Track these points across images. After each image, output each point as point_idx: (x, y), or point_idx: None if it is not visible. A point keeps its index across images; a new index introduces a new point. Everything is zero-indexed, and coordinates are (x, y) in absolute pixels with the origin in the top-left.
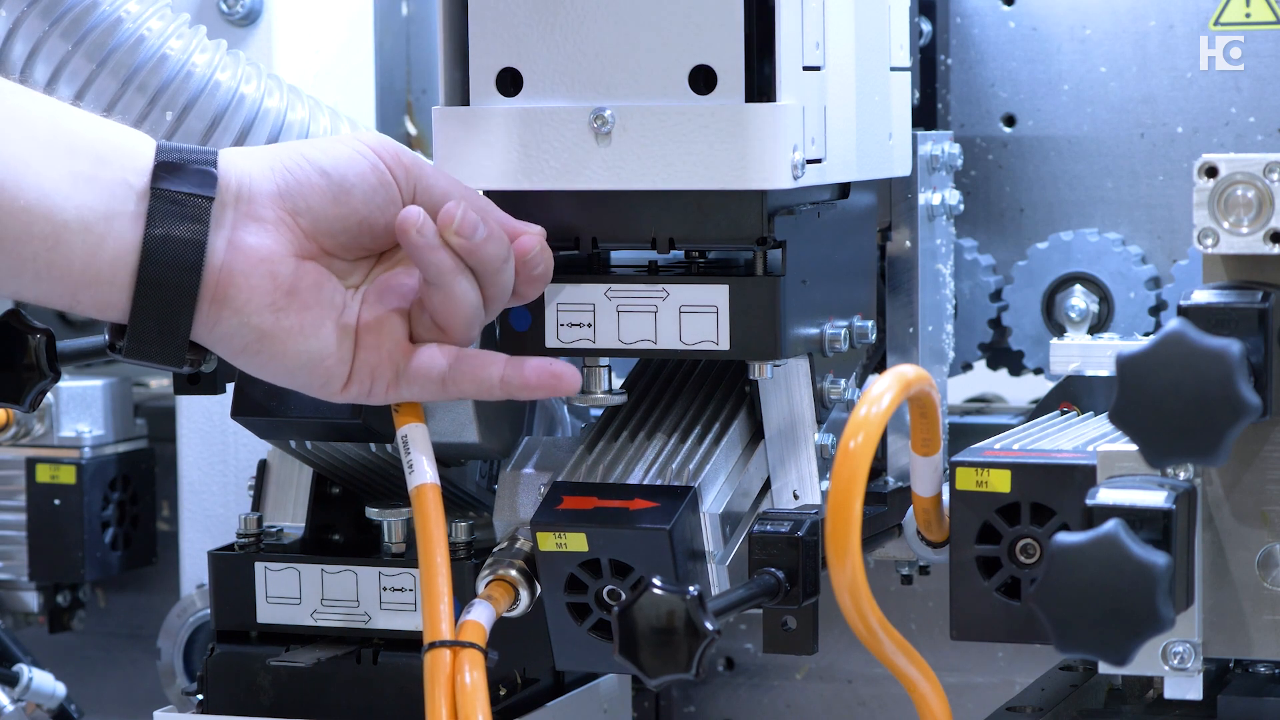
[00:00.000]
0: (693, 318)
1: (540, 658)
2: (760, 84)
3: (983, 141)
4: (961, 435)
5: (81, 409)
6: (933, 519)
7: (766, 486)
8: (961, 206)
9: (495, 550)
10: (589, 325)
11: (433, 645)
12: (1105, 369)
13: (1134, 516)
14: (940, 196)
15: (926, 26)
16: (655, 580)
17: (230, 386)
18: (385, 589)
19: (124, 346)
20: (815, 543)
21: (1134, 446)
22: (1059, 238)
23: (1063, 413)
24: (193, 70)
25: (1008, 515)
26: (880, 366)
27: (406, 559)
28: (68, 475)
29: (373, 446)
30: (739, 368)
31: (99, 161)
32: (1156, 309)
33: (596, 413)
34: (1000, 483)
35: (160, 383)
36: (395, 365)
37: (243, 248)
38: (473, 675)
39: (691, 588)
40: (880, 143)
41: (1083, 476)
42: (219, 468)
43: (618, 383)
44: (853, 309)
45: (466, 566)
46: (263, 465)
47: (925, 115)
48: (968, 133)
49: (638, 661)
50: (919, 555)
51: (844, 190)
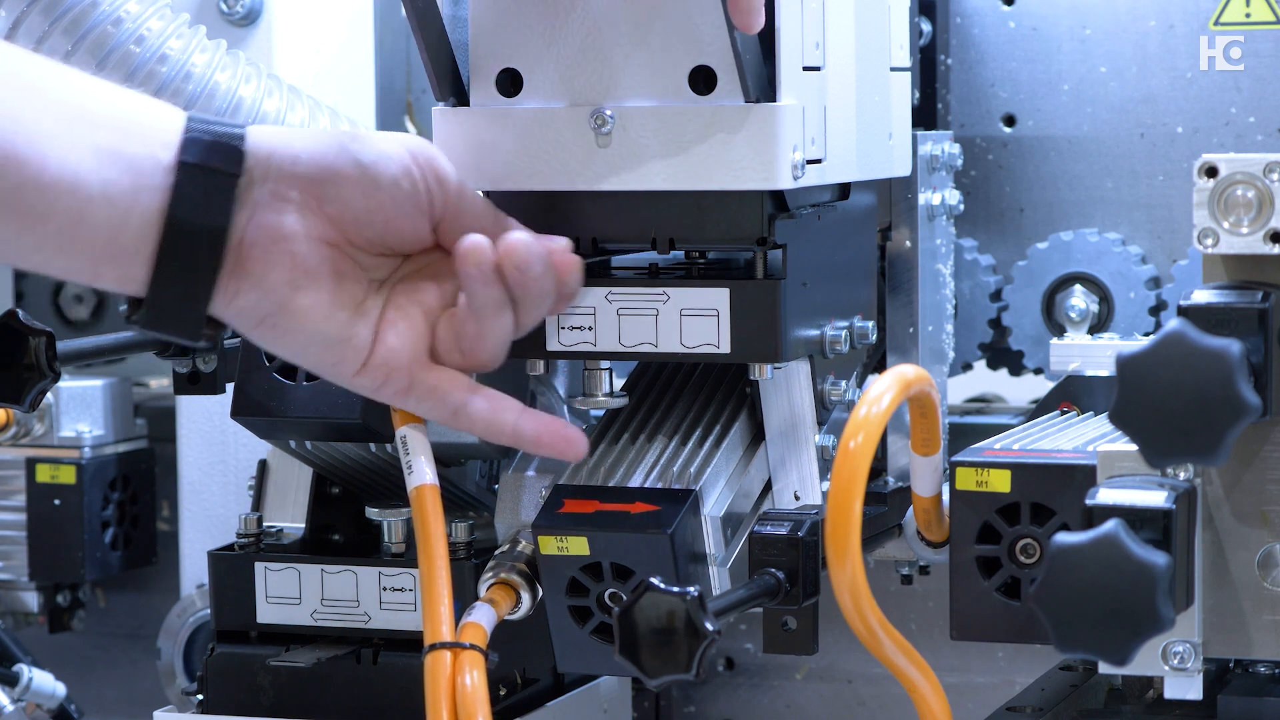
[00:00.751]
0: (693, 321)
1: (540, 658)
2: (760, 84)
3: (983, 141)
4: (961, 435)
5: (81, 409)
6: (933, 519)
7: (767, 488)
8: (961, 206)
9: (497, 553)
10: (590, 328)
11: (433, 647)
12: (1105, 369)
13: (1134, 516)
14: (940, 196)
15: (926, 26)
16: (655, 581)
17: (230, 386)
18: (385, 589)
19: (141, 317)
20: (815, 543)
21: (1134, 446)
22: (1059, 238)
23: (1063, 413)
24: (192, 70)
25: (1008, 515)
26: (880, 366)
27: (406, 559)
28: (68, 475)
29: (373, 446)
30: (739, 369)
31: (125, 135)
32: (1156, 309)
33: (597, 414)
34: (1000, 483)
35: (160, 382)
36: (410, 375)
37: (265, 225)
38: (473, 677)
39: (691, 588)
40: (880, 143)
41: (1083, 476)
42: (219, 468)
43: (618, 385)
44: (853, 310)
45: (467, 567)
46: (263, 465)
47: (925, 115)
48: (968, 133)
49: (638, 662)
50: (919, 555)
51: (844, 190)
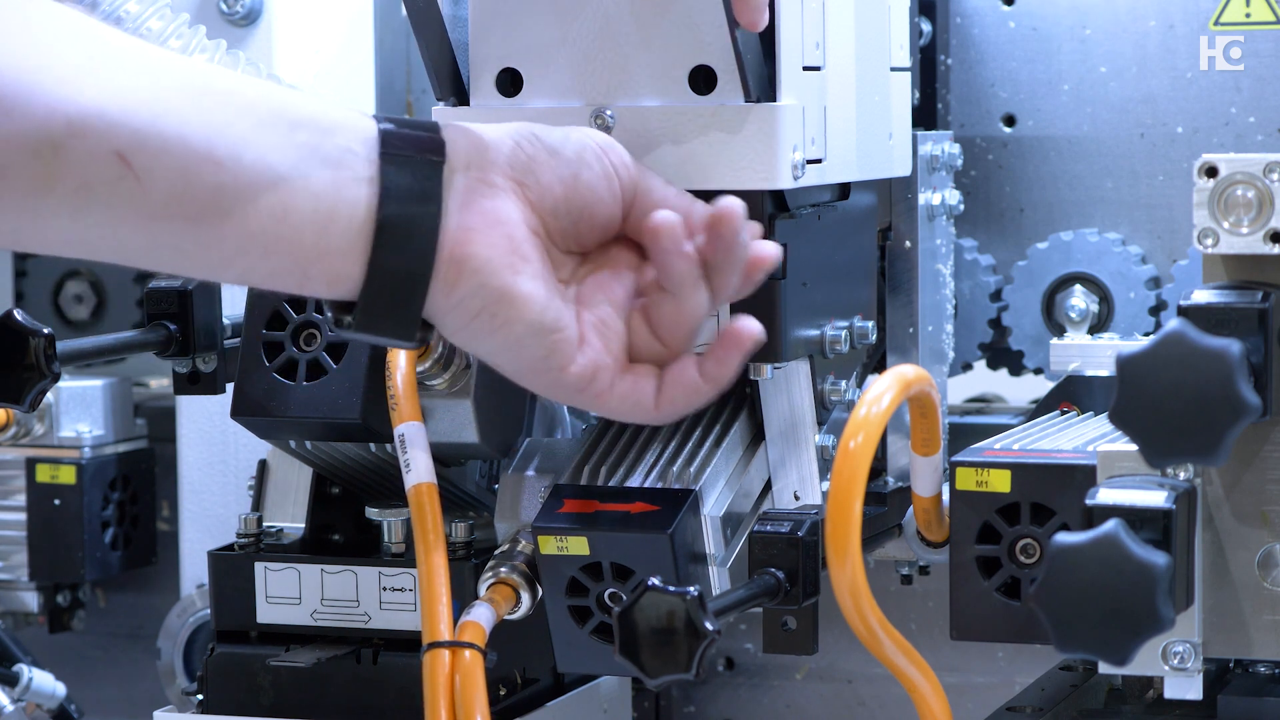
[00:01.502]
0: None
1: (540, 658)
2: (760, 84)
3: (983, 141)
4: (961, 435)
5: (81, 409)
6: (933, 519)
7: (767, 487)
8: (961, 206)
9: (497, 553)
10: None
11: (432, 646)
12: (1105, 369)
13: (1134, 516)
14: (940, 196)
15: (926, 26)
16: (655, 580)
17: (230, 386)
18: (385, 589)
19: (354, 320)
20: (815, 543)
21: (1134, 446)
22: (1059, 238)
23: (1063, 413)
24: None
25: (1008, 515)
26: (880, 367)
27: (406, 559)
28: (68, 475)
29: (373, 446)
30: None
31: (322, 133)
32: (1156, 309)
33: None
34: (1000, 483)
35: (160, 382)
36: (614, 372)
37: (478, 209)
38: (472, 676)
39: (691, 588)
40: (880, 143)
41: (1083, 476)
42: (219, 468)
43: None
44: (853, 310)
45: (466, 567)
46: (263, 465)
47: (925, 115)
48: (968, 133)
49: (638, 662)
50: (919, 555)
51: (844, 190)
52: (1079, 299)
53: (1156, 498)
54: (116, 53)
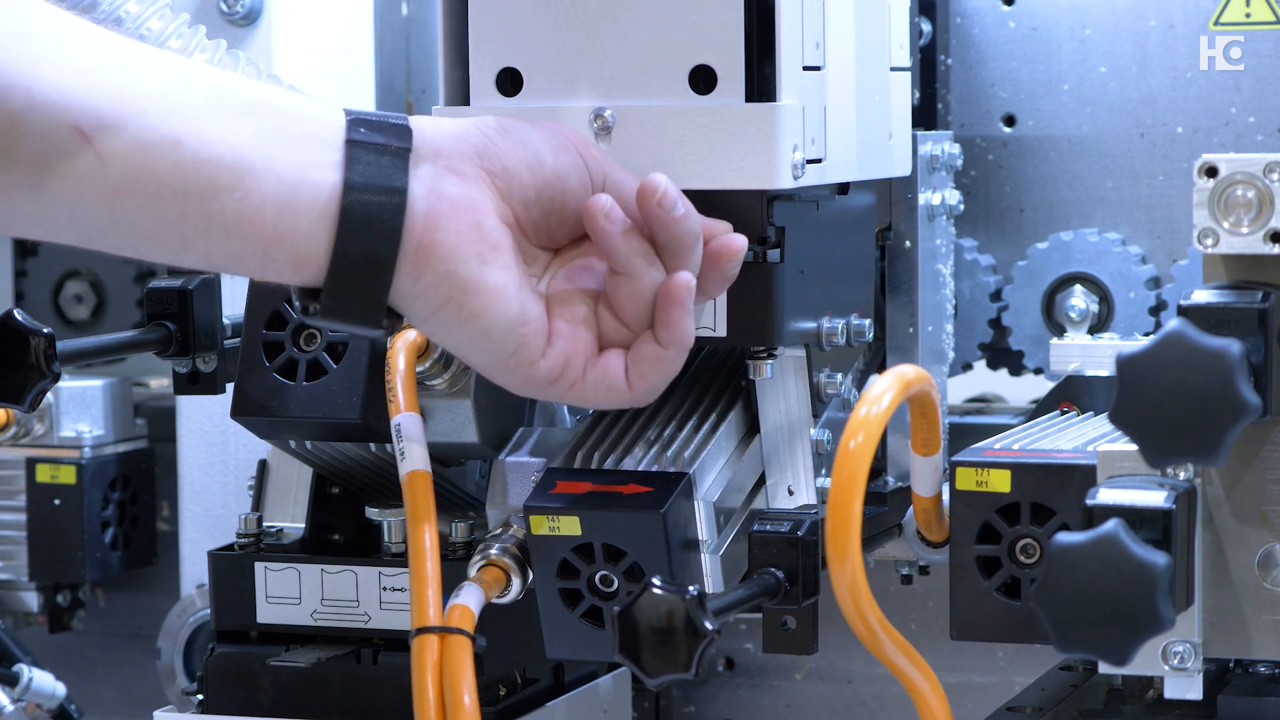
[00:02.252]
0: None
1: (541, 658)
2: (760, 84)
3: (983, 141)
4: (961, 435)
5: (81, 409)
6: (933, 519)
7: (761, 481)
8: (961, 206)
9: (487, 536)
10: None
11: (420, 631)
12: (1105, 369)
13: (1134, 516)
14: (940, 196)
15: (926, 26)
16: (655, 580)
17: (230, 386)
18: (385, 589)
19: (320, 306)
20: (815, 543)
21: (1134, 446)
22: (1059, 238)
23: (1063, 413)
24: None
25: (1008, 515)
26: (880, 366)
27: (406, 559)
28: (68, 475)
29: (373, 446)
30: (736, 360)
31: (288, 118)
32: (1156, 309)
33: None
34: (1000, 483)
35: (160, 382)
36: (585, 360)
37: (446, 196)
38: (460, 660)
39: (691, 587)
40: (880, 143)
41: (1083, 476)
42: (219, 468)
43: None
44: (850, 307)
45: (465, 567)
46: (263, 465)
47: (925, 115)
48: (968, 133)
49: (638, 661)
50: (919, 555)
51: (844, 190)
52: (1079, 299)
53: (1156, 498)
54: (83, 39)
